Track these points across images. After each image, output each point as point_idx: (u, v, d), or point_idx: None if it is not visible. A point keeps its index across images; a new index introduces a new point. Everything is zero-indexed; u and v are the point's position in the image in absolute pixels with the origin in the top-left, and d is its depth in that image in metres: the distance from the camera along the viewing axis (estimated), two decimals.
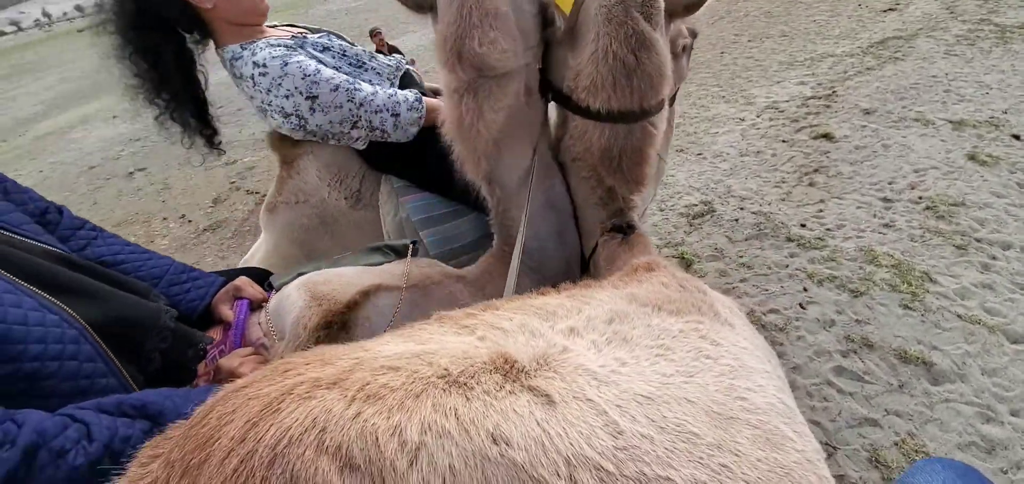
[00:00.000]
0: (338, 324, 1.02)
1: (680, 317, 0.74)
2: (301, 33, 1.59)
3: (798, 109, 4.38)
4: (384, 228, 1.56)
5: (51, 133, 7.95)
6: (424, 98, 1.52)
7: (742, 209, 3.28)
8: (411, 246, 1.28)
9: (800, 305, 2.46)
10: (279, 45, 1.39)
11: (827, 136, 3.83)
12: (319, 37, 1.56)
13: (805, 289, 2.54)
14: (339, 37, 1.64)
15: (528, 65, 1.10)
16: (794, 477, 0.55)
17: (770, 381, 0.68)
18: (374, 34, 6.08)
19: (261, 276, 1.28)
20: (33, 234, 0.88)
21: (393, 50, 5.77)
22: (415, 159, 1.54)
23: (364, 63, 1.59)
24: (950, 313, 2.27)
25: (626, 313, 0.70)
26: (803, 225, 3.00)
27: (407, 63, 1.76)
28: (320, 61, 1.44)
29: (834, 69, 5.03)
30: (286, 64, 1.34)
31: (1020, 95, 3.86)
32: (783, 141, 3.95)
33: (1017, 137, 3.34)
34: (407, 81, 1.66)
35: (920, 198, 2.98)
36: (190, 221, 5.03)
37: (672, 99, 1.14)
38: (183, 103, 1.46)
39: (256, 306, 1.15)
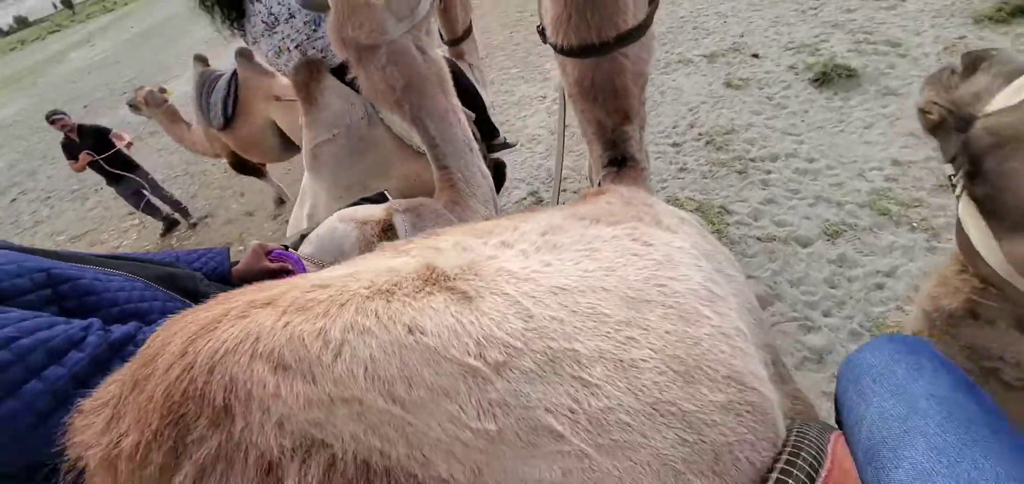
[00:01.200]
0: (391, 228, 1.20)
1: (617, 226, 0.73)
2: None
3: None
4: (397, 131, 1.76)
5: None
6: None
7: (564, 191, 3.16)
8: (385, 193, 1.58)
9: None
10: None
11: None
12: None
13: None
14: None
15: (410, 32, 1.27)
16: (703, 346, 0.57)
17: (698, 273, 0.67)
18: (54, 120, 4.20)
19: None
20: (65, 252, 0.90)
21: (85, 134, 4.24)
22: None
23: None
24: (751, 238, 2.36)
25: (561, 226, 0.71)
26: None
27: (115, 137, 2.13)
28: None
29: None
30: None
31: (749, 16, 4.34)
32: None
33: (756, 55, 3.72)
34: None
35: (700, 135, 3.14)
36: None
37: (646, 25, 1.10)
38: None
39: None
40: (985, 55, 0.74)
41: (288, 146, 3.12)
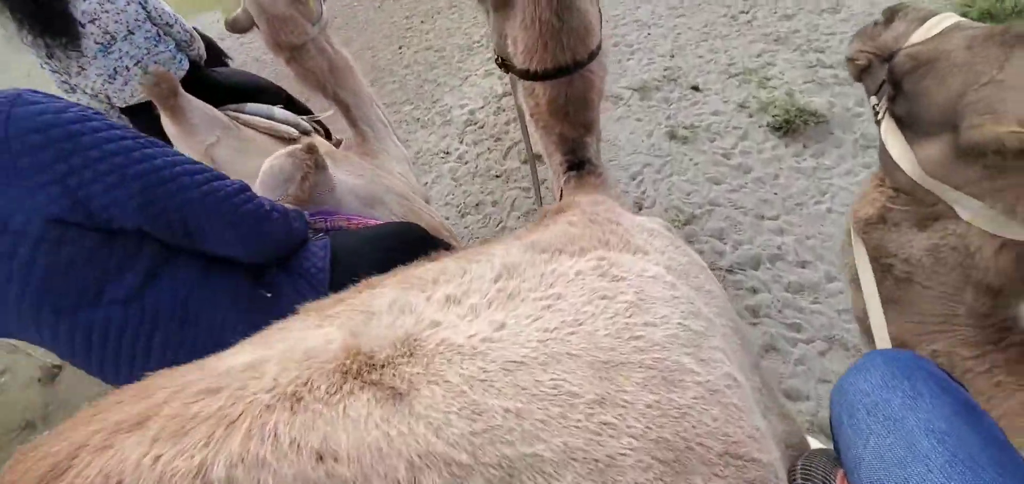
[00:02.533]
0: (313, 148, 1.24)
1: (582, 257, 0.63)
2: None
3: (496, 117, 3.48)
4: (264, 127, 1.79)
5: None
6: None
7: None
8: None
9: None
10: None
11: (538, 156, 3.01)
12: None
13: None
14: None
15: (322, 32, 1.62)
16: (691, 417, 0.47)
17: (676, 308, 0.58)
18: None
19: None
20: None
21: None
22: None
23: None
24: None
25: (518, 265, 0.60)
26: None
27: None
28: None
29: None
30: None
31: (674, 25, 3.54)
32: (496, 177, 3.00)
33: (696, 88, 2.94)
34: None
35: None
36: None
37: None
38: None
39: None
40: (900, 7, 0.83)
41: None
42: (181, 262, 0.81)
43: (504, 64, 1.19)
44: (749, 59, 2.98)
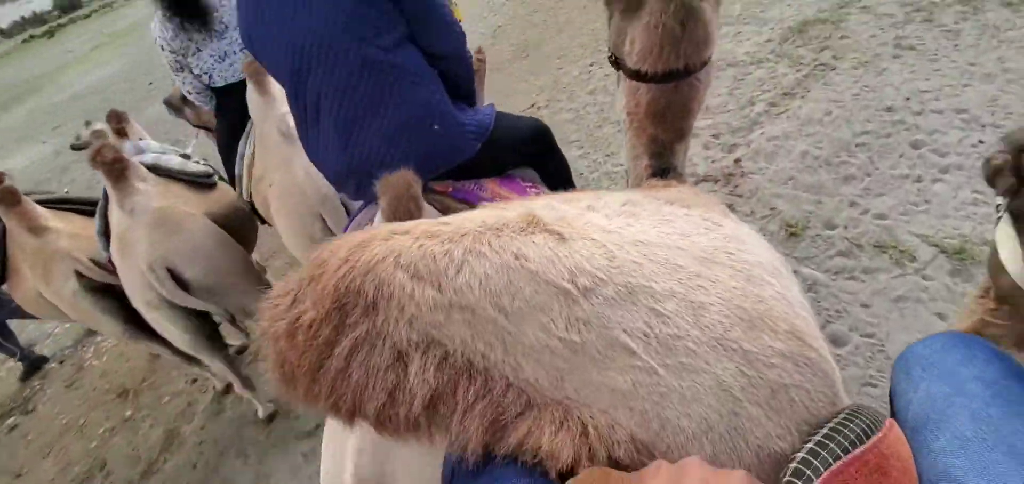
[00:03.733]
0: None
1: (690, 209, 0.77)
2: None
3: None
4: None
5: None
6: None
7: None
8: None
9: None
10: None
11: None
12: None
13: None
14: None
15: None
16: (767, 304, 0.59)
17: (767, 252, 0.70)
18: None
19: None
20: None
21: None
22: None
23: None
24: None
25: (639, 201, 0.77)
26: None
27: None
28: None
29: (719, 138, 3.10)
30: None
31: None
32: None
33: None
34: None
35: None
36: None
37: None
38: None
39: None
40: None
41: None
42: (415, 47, 1.27)
43: (616, 62, 1.30)
44: None
